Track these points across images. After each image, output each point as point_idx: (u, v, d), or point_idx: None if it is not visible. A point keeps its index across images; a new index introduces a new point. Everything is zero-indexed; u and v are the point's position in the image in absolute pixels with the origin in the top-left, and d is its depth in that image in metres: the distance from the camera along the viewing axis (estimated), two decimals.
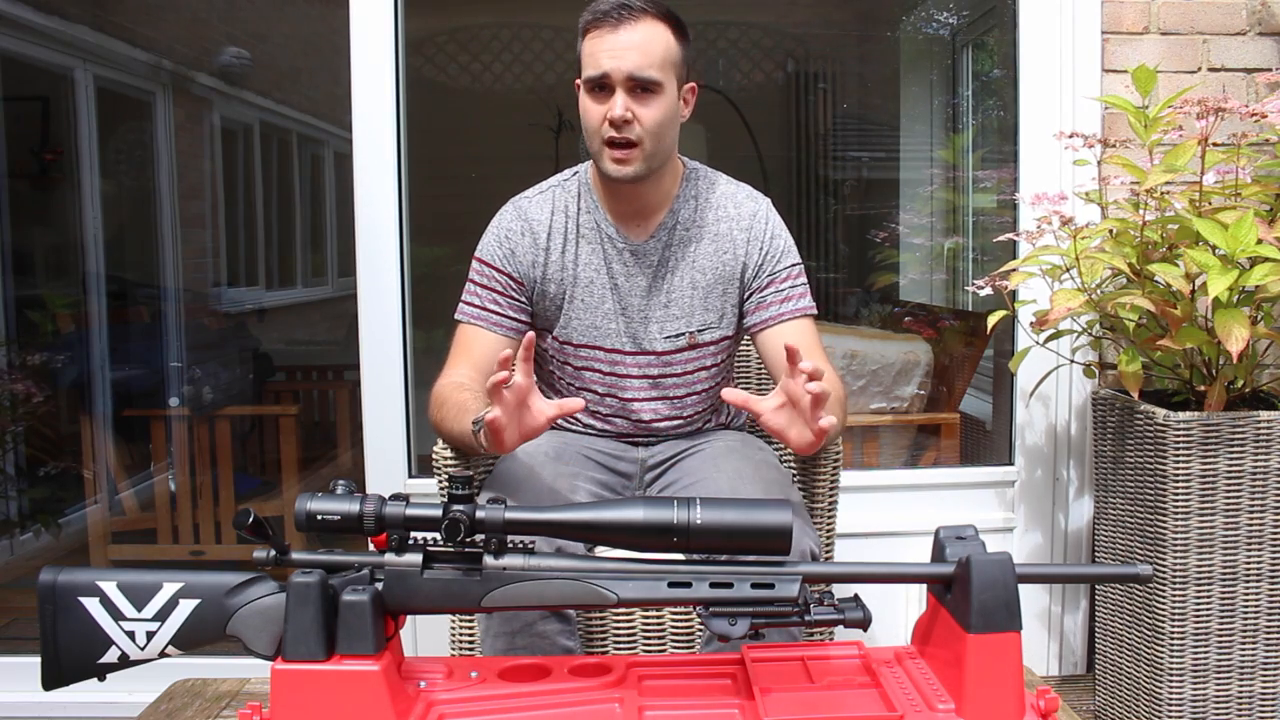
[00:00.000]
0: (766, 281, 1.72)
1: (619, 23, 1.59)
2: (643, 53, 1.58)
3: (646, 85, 1.59)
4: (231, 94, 5.28)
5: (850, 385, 2.93)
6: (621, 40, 1.58)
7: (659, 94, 1.61)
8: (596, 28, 1.60)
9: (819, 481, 1.72)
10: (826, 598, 1.06)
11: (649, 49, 1.59)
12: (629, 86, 1.59)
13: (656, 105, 1.61)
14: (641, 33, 1.59)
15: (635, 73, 1.58)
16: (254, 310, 5.62)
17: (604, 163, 1.63)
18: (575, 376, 1.77)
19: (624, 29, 1.58)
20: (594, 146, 1.64)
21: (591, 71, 1.60)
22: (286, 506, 3.29)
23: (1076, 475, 2.43)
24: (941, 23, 4.43)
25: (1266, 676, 1.97)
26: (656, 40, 1.60)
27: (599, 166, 1.66)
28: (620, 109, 1.58)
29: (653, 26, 1.60)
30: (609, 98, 1.60)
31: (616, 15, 1.59)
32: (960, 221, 3.90)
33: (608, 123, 1.60)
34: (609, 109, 1.59)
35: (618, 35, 1.58)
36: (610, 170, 1.63)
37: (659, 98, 1.61)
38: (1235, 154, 1.94)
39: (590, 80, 1.61)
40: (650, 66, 1.59)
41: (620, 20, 1.59)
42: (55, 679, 1.07)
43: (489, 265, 1.72)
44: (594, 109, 1.62)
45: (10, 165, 3.89)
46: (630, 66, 1.58)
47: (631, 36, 1.58)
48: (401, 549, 1.05)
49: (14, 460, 3.44)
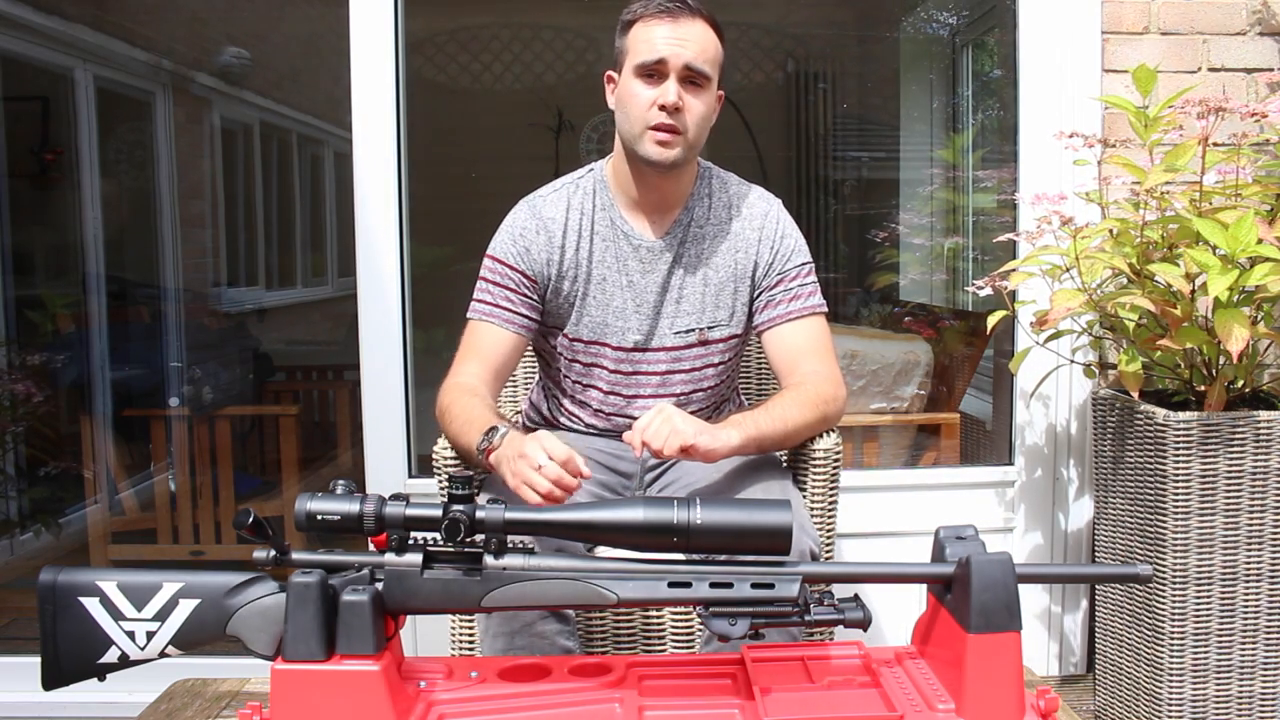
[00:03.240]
0: (776, 280, 1.74)
1: (677, 15, 1.63)
2: (701, 46, 1.63)
3: (698, 78, 1.63)
4: (231, 94, 5.28)
5: (850, 385, 2.92)
6: (681, 31, 1.62)
7: (706, 89, 1.66)
8: (653, 18, 1.64)
9: (819, 481, 1.72)
10: (826, 598, 1.06)
11: (705, 44, 1.64)
12: (683, 76, 1.63)
13: (704, 99, 1.66)
14: (699, 29, 1.64)
15: (693, 63, 1.62)
16: (254, 310, 5.62)
17: (646, 146, 1.64)
18: (583, 374, 1.77)
19: (683, 22, 1.63)
20: (635, 130, 1.65)
21: (648, 56, 1.62)
22: (286, 506, 3.29)
23: (1076, 475, 2.43)
24: (941, 23, 4.43)
25: (1266, 676, 1.97)
26: (710, 39, 1.66)
27: (638, 150, 1.66)
28: (674, 95, 1.61)
29: (705, 27, 1.65)
30: (659, 84, 1.63)
31: (674, 9, 1.63)
32: (960, 221, 3.90)
33: (657, 107, 1.62)
34: (660, 95, 1.62)
35: (677, 26, 1.62)
36: (652, 154, 1.64)
37: (706, 93, 1.66)
38: (1235, 154, 1.94)
39: (645, 65, 1.63)
40: (706, 61, 1.64)
41: (678, 14, 1.63)
42: (55, 679, 1.07)
43: (502, 263, 1.73)
44: (644, 93, 1.64)
45: (10, 165, 3.89)
46: (689, 56, 1.62)
47: (691, 30, 1.63)
48: (401, 549, 1.05)
49: (14, 460, 3.44)
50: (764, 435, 1.58)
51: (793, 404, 1.63)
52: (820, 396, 1.65)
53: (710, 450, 1.49)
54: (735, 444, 1.52)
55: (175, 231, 4.64)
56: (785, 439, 1.64)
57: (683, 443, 1.45)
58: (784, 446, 1.71)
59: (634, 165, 1.70)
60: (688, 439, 1.46)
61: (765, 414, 1.60)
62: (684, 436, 1.45)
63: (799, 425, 1.63)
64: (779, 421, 1.60)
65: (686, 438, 1.46)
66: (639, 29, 1.65)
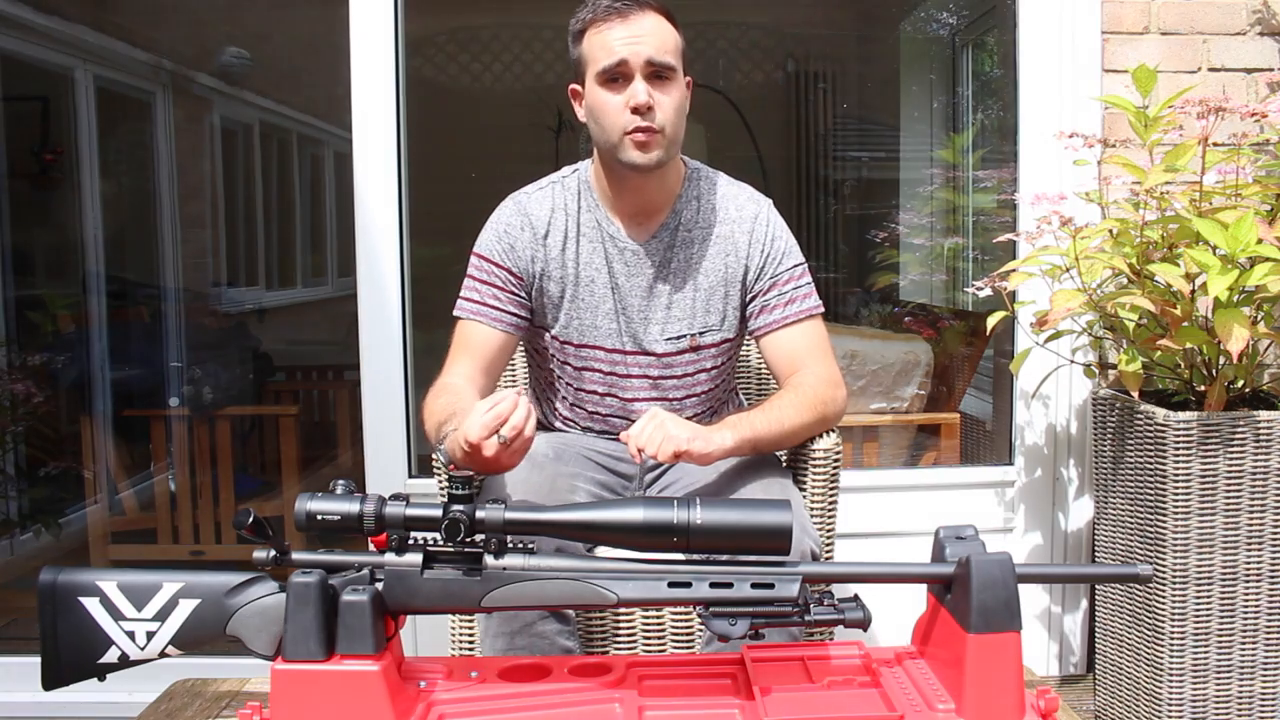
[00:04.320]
0: (769, 284, 1.72)
1: (626, 13, 1.59)
2: (659, 39, 1.60)
3: (664, 71, 1.60)
4: (231, 94, 5.28)
5: (850, 385, 2.92)
6: (634, 29, 1.58)
7: (674, 80, 1.62)
8: (602, 22, 1.60)
9: (819, 481, 1.72)
10: (826, 598, 1.06)
11: (662, 35, 1.60)
12: (648, 73, 1.59)
13: (673, 91, 1.62)
14: (651, 21, 1.60)
15: (654, 57, 1.59)
16: (254, 310, 5.62)
17: (627, 152, 1.61)
18: (575, 377, 1.76)
19: (634, 18, 1.59)
20: (613, 139, 1.61)
21: (608, 60, 1.58)
22: (286, 506, 3.29)
23: (1076, 475, 2.43)
24: (941, 23, 4.44)
25: (1266, 676, 1.97)
26: (665, 29, 1.62)
27: (620, 158, 1.63)
28: (643, 95, 1.58)
29: (657, 18, 1.61)
30: (626, 87, 1.59)
31: (622, 7, 1.59)
32: (960, 221, 3.91)
33: (630, 110, 1.59)
34: (630, 96, 1.58)
35: (629, 24, 1.58)
36: (634, 158, 1.61)
37: (674, 84, 1.62)
38: (1235, 154, 1.94)
39: (606, 70, 1.59)
40: (667, 52, 1.60)
41: (627, 11, 1.59)
42: (55, 679, 1.07)
43: (488, 260, 1.71)
44: (613, 100, 1.60)
45: (10, 165, 3.89)
46: (649, 51, 1.58)
47: (643, 24, 1.59)
48: (401, 549, 1.05)
49: (14, 460, 3.44)
50: (760, 436, 1.57)
51: (790, 405, 1.62)
52: (819, 397, 1.65)
53: (704, 454, 1.49)
54: (730, 446, 1.52)
55: (175, 231, 4.64)
56: (782, 440, 1.64)
57: (676, 448, 1.45)
58: (781, 447, 1.70)
59: (615, 173, 1.67)
60: (680, 445, 1.46)
61: (762, 415, 1.60)
62: (676, 442, 1.46)
63: (796, 426, 1.62)
64: (776, 423, 1.59)
65: (680, 443, 1.46)
66: (592, 36, 1.61)
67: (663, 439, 1.46)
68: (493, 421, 1.33)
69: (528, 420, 1.35)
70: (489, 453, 1.34)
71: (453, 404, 1.55)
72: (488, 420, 1.33)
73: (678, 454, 1.46)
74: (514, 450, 1.36)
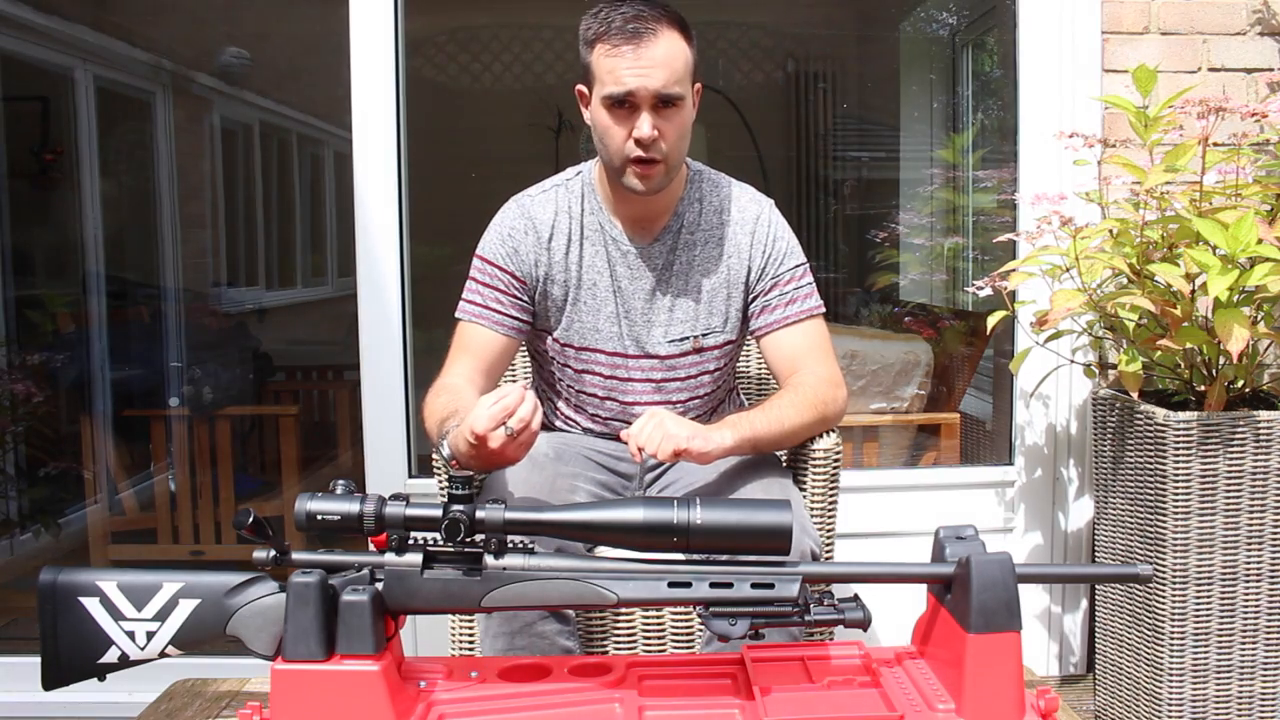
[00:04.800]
0: (770, 285, 1.72)
1: (639, 38, 1.54)
2: (668, 69, 1.55)
3: (671, 100, 1.57)
4: (231, 94, 5.28)
5: (850, 385, 2.92)
6: (645, 58, 1.54)
7: (681, 107, 1.59)
8: (614, 43, 1.55)
9: (819, 481, 1.72)
10: (826, 598, 1.06)
11: (672, 64, 1.56)
12: (654, 104, 1.57)
13: (679, 119, 1.60)
14: (663, 47, 1.55)
15: (663, 90, 1.55)
16: (254, 310, 5.62)
17: (628, 180, 1.61)
18: (576, 379, 1.76)
19: (645, 45, 1.54)
20: (615, 163, 1.61)
21: (615, 89, 1.56)
22: (286, 506, 3.29)
23: (1076, 475, 2.43)
24: (941, 23, 4.44)
25: (1266, 676, 1.97)
26: (677, 53, 1.57)
27: (621, 183, 1.63)
28: (648, 129, 1.55)
29: (670, 38, 1.56)
30: (631, 115, 1.57)
31: (635, 30, 1.54)
32: (960, 221, 3.90)
33: (633, 142, 1.57)
34: (634, 128, 1.57)
35: (640, 52, 1.54)
36: (635, 185, 1.61)
37: (680, 111, 1.60)
38: (1235, 154, 1.94)
39: (612, 98, 1.57)
40: (675, 83, 1.57)
41: (640, 36, 1.54)
42: (55, 679, 1.07)
43: (491, 263, 1.71)
44: (617, 129, 1.58)
45: (10, 165, 3.89)
46: (657, 85, 1.55)
47: (654, 53, 1.54)
48: (401, 549, 1.05)
49: (14, 460, 3.44)
50: (759, 436, 1.57)
51: (790, 405, 1.62)
52: (819, 397, 1.65)
53: (704, 453, 1.49)
54: (730, 445, 1.52)
55: (175, 231, 4.64)
56: (782, 439, 1.64)
57: (675, 447, 1.45)
58: (781, 447, 1.70)
59: (617, 185, 1.67)
60: (680, 443, 1.46)
61: (762, 415, 1.60)
62: (676, 441, 1.46)
63: (796, 426, 1.62)
64: (776, 422, 1.59)
65: (679, 442, 1.46)
66: (602, 56, 1.57)
67: (662, 438, 1.46)
68: (500, 413, 1.33)
69: (535, 413, 1.35)
70: (495, 445, 1.34)
71: (453, 402, 1.55)
72: (494, 412, 1.33)
73: (677, 453, 1.46)
74: (520, 443, 1.36)
